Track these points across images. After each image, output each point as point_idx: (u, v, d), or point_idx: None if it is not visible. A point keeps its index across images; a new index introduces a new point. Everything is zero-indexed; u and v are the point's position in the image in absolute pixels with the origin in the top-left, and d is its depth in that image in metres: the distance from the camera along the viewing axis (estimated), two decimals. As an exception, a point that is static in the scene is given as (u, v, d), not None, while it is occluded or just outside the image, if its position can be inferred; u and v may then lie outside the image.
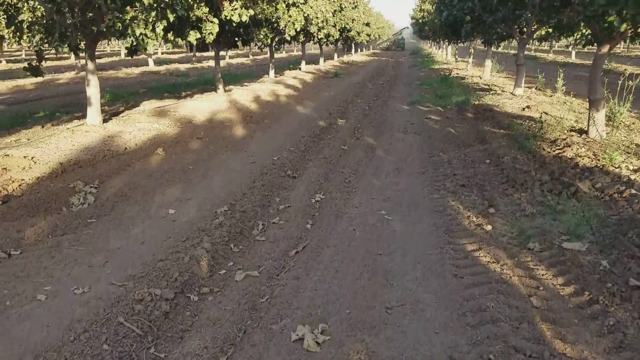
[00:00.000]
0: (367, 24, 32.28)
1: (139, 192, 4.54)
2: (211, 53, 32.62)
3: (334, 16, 19.69)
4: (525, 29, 9.90)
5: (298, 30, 12.15)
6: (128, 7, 5.80)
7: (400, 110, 10.01)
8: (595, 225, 3.44)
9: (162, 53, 32.05)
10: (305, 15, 13.60)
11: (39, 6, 8.19)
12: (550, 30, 8.55)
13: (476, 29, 11.07)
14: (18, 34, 6.97)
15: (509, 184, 4.63)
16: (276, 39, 13.56)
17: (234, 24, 8.14)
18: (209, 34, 7.57)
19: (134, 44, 6.48)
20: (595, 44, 5.71)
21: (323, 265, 3.07)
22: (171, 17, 6.21)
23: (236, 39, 11.68)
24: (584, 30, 8.20)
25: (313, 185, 4.93)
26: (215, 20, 7.54)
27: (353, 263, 3.10)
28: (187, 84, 15.82)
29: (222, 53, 27.94)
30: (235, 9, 7.60)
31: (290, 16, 11.62)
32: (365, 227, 3.73)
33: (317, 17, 14.87)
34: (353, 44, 38.10)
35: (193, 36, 7.39)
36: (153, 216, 3.93)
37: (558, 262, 2.96)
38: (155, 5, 5.57)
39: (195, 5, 6.82)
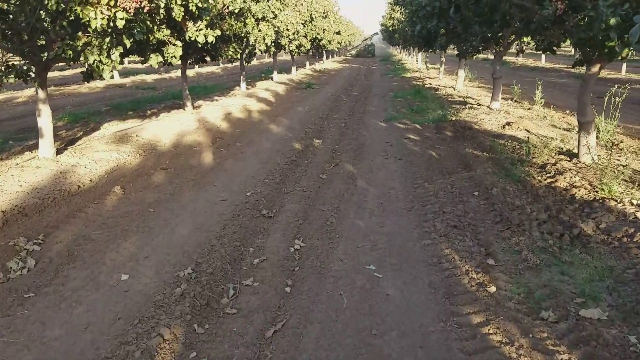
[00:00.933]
0: (338, 32, 32.06)
1: (89, 249, 3.92)
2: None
3: (304, 27, 19.29)
4: (501, 42, 9.71)
5: (269, 44, 11.65)
6: (80, 33, 5.17)
7: (377, 128, 9.62)
8: (611, 283, 3.07)
9: (129, 62, 30.90)
10: (276, 28, 13.12)
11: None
12: (531, 44, 8.31)
13: (451, 42, 10.82)
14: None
15: (504, 225, 4.24)
16: (246, 53, 13.02)
17: (199, 44, 7.57)
18: (171, 57, 6.97)
19: (89, 70, 5.85)
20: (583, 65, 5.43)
21: (307, 356, 2.57)
22: (128, 43, 5.61)
23: (204, 55, 11.08)
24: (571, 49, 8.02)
25: (291, 228, 4.43)
26: (179, 43, 6.95)
27: (342, 350, 2.61)
28: (154, 99, 15.04)
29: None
30: (200, 29, 7.03)
31: (260, 31, 11.12)
32: (354, 291, 3.25)
33: (287, 30, 14.41)
34: (324, 52, 37.86)
35: (155, 60, 6.78)
36: (102, 285, 3.33)
37: (580, 339, 2.55)
38: (109, 30, 4.96)
39: (156, 28, 6.22)
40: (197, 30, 7.00)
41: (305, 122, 10.53)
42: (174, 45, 6.87)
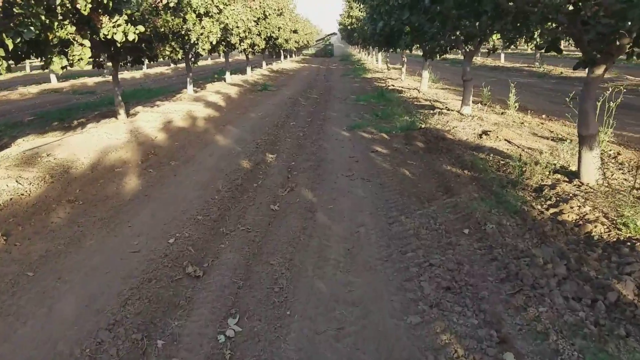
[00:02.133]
0: (295, 31, 30.82)
1: None
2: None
3: (258, 24, 17.92)
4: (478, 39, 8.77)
5: (214, 43, 10.25)
6: None
7: (340, 138, 8.47)
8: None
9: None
10: (223, 25, 11.73)
11: None
12: (507, 41, 7.40)
13: (417, 40, 9.84)
14: None
15: (513, 284, 3.16)
16: (191, 53, 11.56)
17: (119, 44, 6.14)
18: (78, 59, 5.52)
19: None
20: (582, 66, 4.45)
21: None
22: (10, 44, 4.18)
23: (140, 55, 9.57)
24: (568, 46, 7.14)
25: (224, 298, 3.17)
26: (87, 42, 5.49)
27: None
28: (89, 105, 13.29)
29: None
30: (119, 25, 5.61)
31: (203, 28, 9.72)
32: None
33: (237, 27, 13.03)
34: (282, 51, 36.53)
35: (58, 64, 5.31)
36: None
37: None
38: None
39: (56, 24, 4.78)
40: (114, 27, 5.58)
41: (258, 131, 9.24)
42: (81, 45, 5.42)
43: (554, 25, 4.01)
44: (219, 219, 4.58)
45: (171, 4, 7.74)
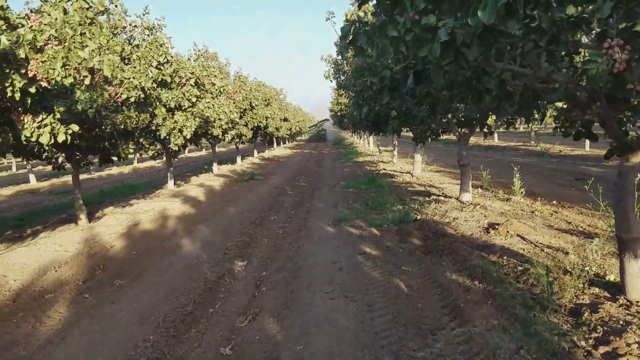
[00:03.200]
0: (286, 119, 31.11)
1: None
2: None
3: (244, 115, 17.67)
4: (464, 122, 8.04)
5: (189, 137, 9.54)
6: None
7: (324, 235, 7.38)
8: None
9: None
10: (200, 118, 11.17)
11: None
12: (507, 123, 6.62)
13: (405, 125, 9.15)
14: None
15: None
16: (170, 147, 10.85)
17: (47, 146, 5.27)
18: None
19: None
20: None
21: None
22: None
23: (109, 153, 8.77)
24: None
25: None
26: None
27: None
28: (58, 207, 12.32)
29: (130, 156, 24.39)
30: (45, 125, 4.76)
31: (176, 122, 9.06)
32: None
33: (219, 119, 12.53)
34: (274, 138, 36.76)
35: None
36: None
37: None
38: None
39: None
40: (39, 127, 4.73)
41: (233, 230, 8.16)
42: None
43: (567, 104, 3.13)
44: (146, 378, 3.32)
45: (132, 99, 7.05)
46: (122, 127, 7.40)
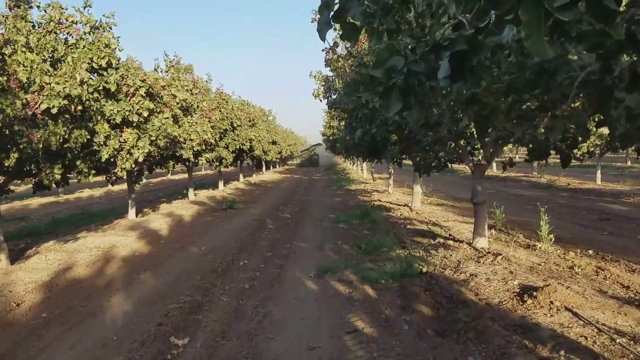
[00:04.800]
0: (274, 142, 29.50)
1: None
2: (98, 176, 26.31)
3: (225, 136, 15.99)
4: (482, 151, 6.40)
5: (141, 160, 7.78)
6: None
7: (302, 295, 5.59)
8: None
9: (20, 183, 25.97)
10: (172, 137, 9.46)
11: None
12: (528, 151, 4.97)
13: (406, 152, 7.50)
14: None
15: None
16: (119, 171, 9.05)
17: None
18: None
19: None
20: None
21: None
22: None
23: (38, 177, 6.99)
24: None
25: None
26: None
27: None
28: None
29: (98, 178, 22.07)
30: None
31: (124, 142, 7.33)
32: None
33: (190, 140, 10.81)
34: (263, 162, 35.11)
35: None
36: None
37: None
38: None
39: None
40: None
41: (184, 283, 6.32)
42: None
43: None
44: None
45: (53, 110, 5.34)
46: (43, 145, 5.65)
